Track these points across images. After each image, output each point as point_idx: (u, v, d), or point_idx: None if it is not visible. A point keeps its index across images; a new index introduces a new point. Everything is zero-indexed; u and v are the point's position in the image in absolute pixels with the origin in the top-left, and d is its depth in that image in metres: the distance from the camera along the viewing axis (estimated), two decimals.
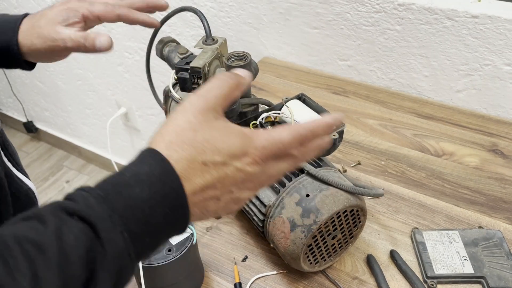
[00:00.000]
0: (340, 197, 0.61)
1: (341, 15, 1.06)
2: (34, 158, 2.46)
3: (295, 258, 0.62)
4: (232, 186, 0.39)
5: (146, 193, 0.35)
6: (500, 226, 0.74)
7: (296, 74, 1.18)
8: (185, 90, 0.72)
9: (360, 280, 0.68)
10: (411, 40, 1.00)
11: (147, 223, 0.35)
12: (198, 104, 0.39)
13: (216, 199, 0.39)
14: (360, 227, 0.67)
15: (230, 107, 0.65)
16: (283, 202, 0.63)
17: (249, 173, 0.39)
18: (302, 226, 0.60)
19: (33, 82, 2.17)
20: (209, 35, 0.72)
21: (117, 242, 0.33)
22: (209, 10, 1.28)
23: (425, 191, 0.81)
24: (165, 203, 0.36)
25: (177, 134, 0.38)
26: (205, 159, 0.37)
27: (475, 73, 0.97)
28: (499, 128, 0.94)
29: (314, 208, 0.60)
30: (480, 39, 0.92)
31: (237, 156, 0.38)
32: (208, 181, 0.38)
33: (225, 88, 0.41)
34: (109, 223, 0.33)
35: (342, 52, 1.13)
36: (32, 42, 0.59)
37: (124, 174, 0.36)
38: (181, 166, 0.37)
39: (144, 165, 0.37)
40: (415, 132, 0.95)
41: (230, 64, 0.69)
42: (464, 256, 0.67)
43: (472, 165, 0.86)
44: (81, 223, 0.33)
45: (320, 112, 0.72)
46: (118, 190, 0.35)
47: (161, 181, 0.36)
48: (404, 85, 1.08)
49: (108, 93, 1.88)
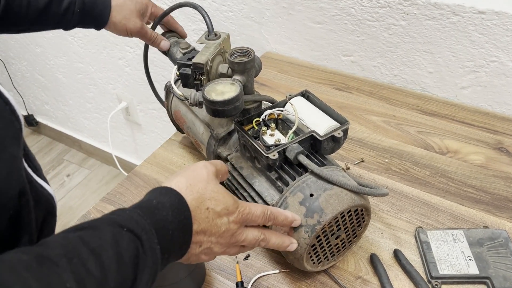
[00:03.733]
0: (345, 196, 0.60)
1: (345, 10, 1.05)
2: (34, 151, 2.45)
3: (298, 258, 0.62)
4: (214, 236, 0.49)
5: (170, 217, 0.45)
6: (505, 225, 0.73)
7: (298, 70, 1.17)
8: (187, 86, 0.71)
9: (363, 279, 0.67)
10: (416, 35, 0.99)
11: (170, 241, 0.44)
12: (211, 168, 0.52)
13: (199, 245, 0.49)
14: (364, 227, 0.67)
15: None
16: (286, 201, 0.62)
17: (230, 229, 0.50)
18: (306, 226, 0.59)
19: (33, 76, 2.16)
20: (212, 30, 0.71)
21: (155, 252, 0.42)
22: (211, 4, 1.27)
23: (429, 190, 0.80)
24: (180, 227, 0.46)
25: (194, 182, 0.49)
26: (209, 205, 0.49)
27: (480, 70, 0.96)
28: (505, 125, 0.93)
29: (318, 208, 0.59)
30: (487, 35, 0.90)
31: (229, 211, 0.50)
32: (205, 226, 0.48)
33: (226, 171, 0.56)
34: (150, 235, 0.42)
35: (346, 47, 1.11)
36: (120, 20, 0.82)
37: (151, 201, 0.46)
38: (192, 205, 0.47)
39: (165, 196, 0.47)
40: (419, 129, 0.94)
41: (233, 60, 0.68)
42: (469, 256, 0.66)
43: (477, 163, 0.85)
44: (130, 234, 0.41)
45: (323, 110, 0.71)
46: (151, 211, 0.44)
47: (179, 210, 0.46)
48: (408, 81, 1.07)
49: (109, 87, 1.87)
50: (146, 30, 0.84)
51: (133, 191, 0.86)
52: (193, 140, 0.85)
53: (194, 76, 0.68)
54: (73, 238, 0.38)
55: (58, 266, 0.34)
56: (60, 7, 0.78)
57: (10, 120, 0.42)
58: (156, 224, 0.43)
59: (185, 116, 0.84)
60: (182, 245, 0.47)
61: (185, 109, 0.84)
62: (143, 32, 0.84)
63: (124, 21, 0.82)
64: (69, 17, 0.79)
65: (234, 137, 0.75)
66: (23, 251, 0.35)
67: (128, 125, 1.98)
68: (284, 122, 0.71)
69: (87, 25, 0.83)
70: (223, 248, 0.52)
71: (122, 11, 0.81)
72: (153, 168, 0.91)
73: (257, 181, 0.67)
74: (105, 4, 0.81)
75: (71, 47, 1.82)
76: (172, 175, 0.52)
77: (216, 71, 0.70)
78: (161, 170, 0.90)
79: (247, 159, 0.70)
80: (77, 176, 2.31)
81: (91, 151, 2.35)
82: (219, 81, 0.67)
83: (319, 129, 0.66)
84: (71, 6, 0.78)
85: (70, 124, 2.30)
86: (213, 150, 0.76)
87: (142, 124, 1.90)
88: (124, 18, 0.82)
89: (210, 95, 0.64)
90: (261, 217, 0.54)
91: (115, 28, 0.83)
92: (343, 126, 0.67)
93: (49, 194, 0.53)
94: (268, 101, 0.74)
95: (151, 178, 0.89)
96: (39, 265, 0.34)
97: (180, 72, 0.69)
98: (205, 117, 0.78)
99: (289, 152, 0.63)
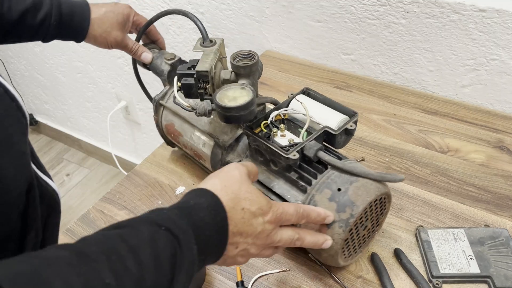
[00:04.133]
0: (371, 186, 0.60)
1: (345, 8, 1.04)
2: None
3: (333, 254, 0.61)
4: (250, 237, 0.49)
5: (207, 218, 0.45)
6: (506, 224, 0.73)
7: (298, 68, 1.16)
8: (190, 96, 0.68)
9: (364, 279, 0.67)
10: (416, 34, 0.99)
11: (207, 242, 0.44)
12: (243, 169, 0.52)
13: (236, 246, 0.48)
14: (385, 214, 0.67)
15: None
16: (314, 199, 0.61)
17: (265, 229, 0.50)
18: (339, 221, 0.59)
19: (32, 75, 2.15)
20: (206, 37, 0.69)
21: (192, 252, 0.42)
22: (210, 3, 1.26)
23: (430, 188, 0.80)
24: (217, 229, 0.46)
25: (229, 183, 0.50)
26: (244, 205, 0.48)
27: (481, 68, 0.95)
28: (505, 124, 0.93)
29: (348, 201, 0.59)
30: (487, 33, 0.90)
31: (264, 211, 0.50)
32: (241, 227, 0.48)
33: (257, 172, 0.57)
34: (187, 236, 0.42)
35: (346, 46, 1.11)
36: (101, 33, 0.80)
37: (188, 202, 0.46)
38: (228, 205, 0.47)
39: (202, 198, 0.47)
40: (419, 128, 0.94)
41: (236, 63, 0.67)
42: (470, 255, 0.66)
43: (477, 162, 0.85)
44: (167, 233, 0.41)
45: (328, 104, 0.71)
46: (188, 212, 0.44)
47: (215, 211, 0.46)
48: (409, 79, 1.07)
49: (108, 86, 1.86)
50: (127, 42, 0.83)
51: (132, 191, 0.85)
52: (191, 152, 0.82)
53: (197, 85, 0.66)
54: (112, 235, 0.39)
55: (98, 263, 0.35)
56: (35, 19, 0.75)
57: (17, 117, 0.42)
58: (193, 225, 0.43)
59: (180, 128, 0.81)
60: (218, 246, 0.47)
61: (180, 122, 0.81)
62: (124, 44, 0.83)
63: (104, 34, 0.80)
64: (45, 29, 0.77)
65: (242, 143, 0.73)
66: (63, 247, 0.36)
67: (127, 124, 1.97)
68: (291, 122, 0.71)
69: (66, 38, 0.81)
70: (258, 250, 0.51)
71: (103, 24, 0.80)
72: (152, 167, 0.91)
73: (275, 184, 0.66)
74: (84, 17, 0.79)
75: (70, 46, 1.82)
76: (206, 178, 0.51)
77: (219, 77, 0.69)
78: (161, 169, 0.90)
79: (260, 163, 0.69)
80: (77, 175, 2.31)
81: (90, 151, 2.35)
82: (228, 87, 0.65)
83: (331, 123, 0.67)
84: (47, 18, 0.76)
85: (70, 123, 2.30)
86: (220, 159, 0.74)
87: (141, 123, 1.90)
88: (104, 31, 0.80)
89: (223, 102, 0.62)
90: (295, 216, 0.53)
91: (95, 41, 0.81)
92: (353, 118, 0.68)
93: (53, 190, 0.53)
94: (271, 102, 0.73)
95: (150, 177, 0.88)
96: (79, 261, 0.34)
97: (182, 82, 0.66)
98: (206, 126, 0.76)
99: (308, 150, 0.63)
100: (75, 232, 0.79)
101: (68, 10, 0.77)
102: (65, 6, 0.77)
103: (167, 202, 0.83)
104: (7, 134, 0.40)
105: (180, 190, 0.85)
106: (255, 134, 0.66)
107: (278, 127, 0.68)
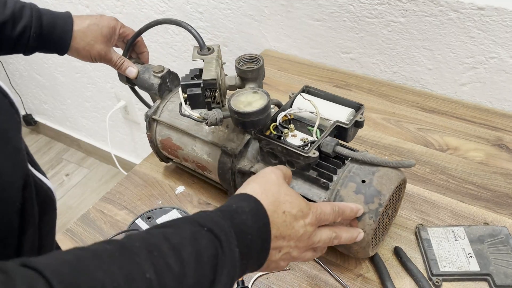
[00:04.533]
0: (391, 174, 0.62)
1: (344, 7, 1.04)
2: (33, 151, 2.45)
3: (364, 246, 0.62)
4: (293, 241, 0.49)
5: (250, 222, 0.45)
6: (506, 222, 0.73)
7: (297, 67, 1.16)
8: (197, 107, 0.65)
9: (364, 277, 0.67)
10: (415, 32, 0.99)
11: (249, 246, 0.44)
12: (279, 172, 0.53)
13: (279, 250, 0.48)
14: (401, 200, 0.69)
15: None
16: (339, 194, 0.62)
17: (307, 231, 0.50)
18: (369, 212, 0.59)
19: (31, 75, 2.15)
20: (204, 45, 0.68)
21: (234, 254, 0.42)
22: (209, 2, 1.26)
23: (430, 187, 0.80)
24: (259, 234, 0.45)
25: (268, 186, 0.50)
26: (285, 209, 0.49)
27: (480, 66, 0.95)
28: (504, 122, 0.93)
29: (375, 191, 0.60)
30: (486, 31, 0.90)
31: (304, 213, 0.50)
32: (284, 231, 0.48)
33: (291, 174, 0.57)
34: (229, 237, 0.42)
35: (345, 44, 1.11)
36: (84, 46, 0.78)
37: (231, 205, 0.46)
38: (270, 209, 0.47)
39: (244, 202, 0.47)
40: (419, 126, 0.94)
41: (241, 67, 0.67)
42: (469, 253, 0.66)
43: (477, 160, 0.85)
44: (210, 233, 0.41)
45: (331, 100, 0.71)
46: (230, 215, 0.45)
47: (258, 215, 0.46)
48: (408, 78, 1.07)
49: (107, 86, 1.86)
50: (111, 56, 0.80)
51: (132, 190, 0.86)
52: (192, 165, 0.79)
53: (204, 94, 0.64)
54: (155, 233, 0.40)
55: (140, 257, 0.35)
56: (14, 31, 0.72)
57: (11, 113, 0.42)
58: (235, 227, 0.43)
59: (179, 142, 0.78)
60: (261, 251, 0.46)
61: (178, 135, 0.78)
62: (108, 58, 0.80)
63: (87, 47, 0.78)
64: (25, 41, 0.74)
65: (251, 149, 0.72)
66: (108, 242, 0.37)
67: (126, 124, 1.97)
68: (297, 121, 0.71)
69: (47, 51, 0.78)
70: (300, 252, 0.51)
71: (86, 37, 0.77)
72: (152, 167, 0.91)
73: (295, 184, 0.66)
74: (65, 29, 0.76)
75: None
76: (244, 184, 0.52)
77: (224, 84, 0.68)
78: (161, 169, 0.90)
79: None
80: (76, 175, 2.31)
81: (90, 150, 2.35)
82: (240, 93, 0.65)
83: (340, 118, 0.67)
84: (27, 31, 0.73)
85: (69, 123, 2.30)
86: (230, 167, 0.71)
87: (141, 123, 1.90)
88: (87, 44, 0.77)
89: (239, 107, 0.62)
90: (332, 215, 0.54)
91: (78, 54, 0.79)
92: (361, 110, 0.69)
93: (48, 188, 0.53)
94: (275, 104, 0.73)
95: (150, 177, 0.88)
96: (121, 254, 0.35)
97: (188, 93, 0.63)
98: (208, 136, 0.74)
99: (325, 147, 0.63)
100: (75, 232, 0.79)
101: (49, 22, 0.75)
102: (46, 18, 0.75)
103: (167, 201, 0.83)
104: (3, 129, 0.39)
105: (180, 190, 0.85)
106: (269, 137, 0.65)
107: (288, 127, 0.68)
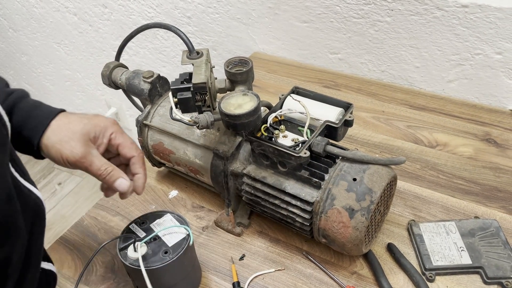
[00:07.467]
0: (382, 171, 0.63)
1: (331, 8, 1.06)
2: (24, 161, 2.38)
3: (357, 244, 0.62)
4: None
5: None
6: (496, 215, 0.74)
7: (287, 69, 1.17)
8: (188, 111, 0.65)
9: (358, 274, 0.68)
10: (402, 31, 1.00)
11: None
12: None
13: None
14: (392, 196, 0.70)
15: None
16: (331, 193, 0.62)
17: None
18: (361, 210, 0.60)
19: (20, 85, 2.14)
20: (193, 49, 0.69)
21: None
22: (197, 7, 1.27)
23: (420, 183, 0.81)
24: None
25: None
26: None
27: (466, 63, 0.97)
28: (492, 117, 0.94)
29: (366, 189, 0.61)
30: (471, 28, 0.92)
31: None
32: None
33: None
34: None
35: (333, 45, 1.12)
36: (53, 144, 0.59)
37: None
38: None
39: None
40: (408, 123, 0.95)
41: (230, 70, 0.67)
42: (461, 247, 0.67)
43: (466, 155, 0.86)
44: None
45: (320, 100, 0.72)
46: None
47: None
48: (396, 76, 1.08)
49: (97, 93, 1.86)
50: (90, 161, 0.59)
51: None
52: (185, 169, 0.80)
53: (194, 98, 0.64)
54: None
55: None
56: None
57: None
58: None
59: (171, 146, 0.78)
60: None
61: (170, 139, 0.78)
62: (86, 163, 0.58)
63: (58, 145, 0.58)
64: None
65: (243, 151, 0.72)
66: None
67: None
68: (287, 122, 0.71)
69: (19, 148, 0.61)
70: None
71: (60, 132, 0.59)
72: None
73: (287, 184, 0.66)
74: (36, 128, 0.59)
75: (57, 54, 1.81)
76: None
77: (214, 87, 0.69)
78: (153, 174, 0.90)
79: (267, 167, 0.69)
80: (69, 184, 2.29)
81: None
82: (230, 95, 0.65)
83: (329, 117, 0.68)
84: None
85: None
86: (223, 169, 0.72)
87: (132, 129, 1.89)
88: (59, 141, 0.58)
89: (230, 110, 0.62)
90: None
91: (48, 153, 0.60)
92: (350, 109, 0.70)
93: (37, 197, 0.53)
94: (264, 106, 0.74)
95: None
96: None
97: (178, 98, 0.63)
98: (200, 140, 0.74)
99: (316, 146, 0.64)
100: (69, 240, 0.79)
101: (19, 120, 0.60)
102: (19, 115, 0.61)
103: (161, 206, 0.83)
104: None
105: (173, 194, 0.85)
106: (260, 139, 0.66)
107: (278, 128, 0.69)
